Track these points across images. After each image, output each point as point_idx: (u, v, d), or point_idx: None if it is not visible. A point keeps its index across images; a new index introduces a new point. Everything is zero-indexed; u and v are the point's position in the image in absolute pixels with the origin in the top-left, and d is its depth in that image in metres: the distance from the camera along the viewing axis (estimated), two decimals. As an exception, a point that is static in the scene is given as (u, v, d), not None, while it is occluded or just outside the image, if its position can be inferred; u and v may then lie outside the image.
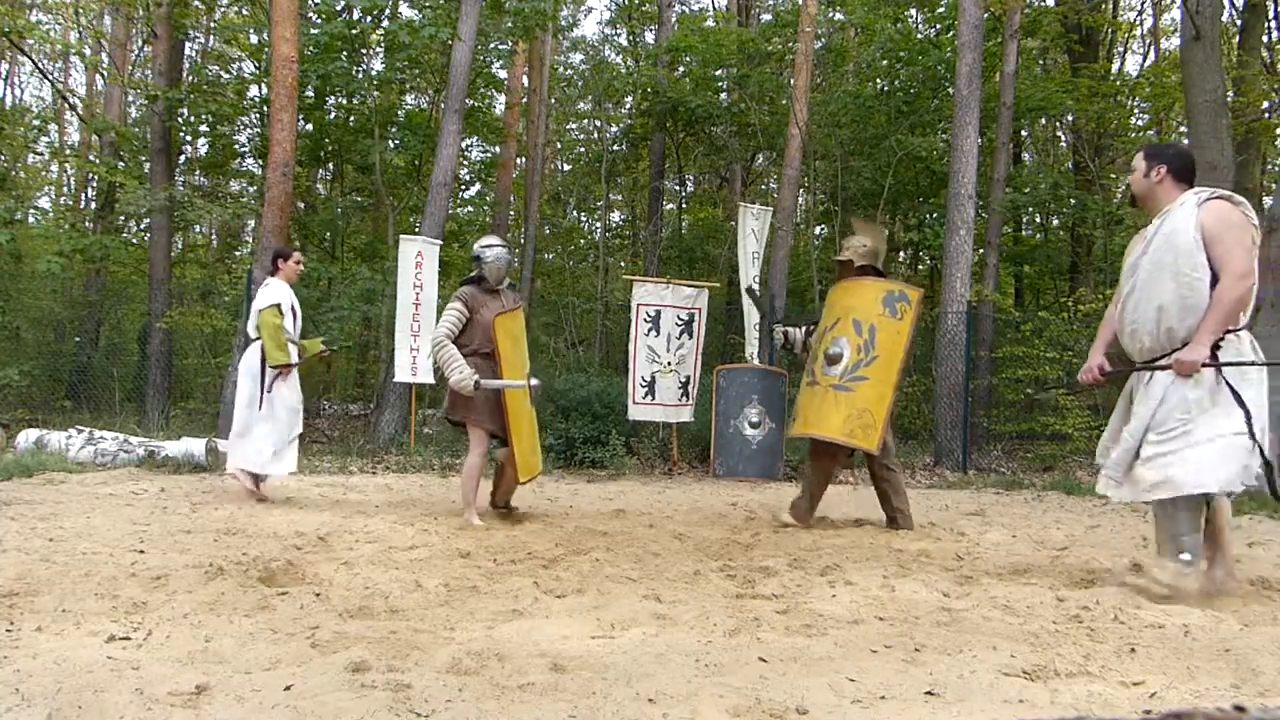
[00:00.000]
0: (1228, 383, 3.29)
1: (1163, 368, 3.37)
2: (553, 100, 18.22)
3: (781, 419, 8.83)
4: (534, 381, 5.35)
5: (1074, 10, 14.12)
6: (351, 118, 13.86)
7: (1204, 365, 3.29)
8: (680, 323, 9.44)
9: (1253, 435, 3.23)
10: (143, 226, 13.64)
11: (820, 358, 5.18)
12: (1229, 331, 3.31)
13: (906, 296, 5.17)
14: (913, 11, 15.91)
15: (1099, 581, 3.69)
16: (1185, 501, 3.28)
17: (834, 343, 5.15)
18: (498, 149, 16.90)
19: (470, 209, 18.32)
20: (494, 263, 5.27)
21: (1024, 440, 11.71)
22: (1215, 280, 3.27)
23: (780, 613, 3.09)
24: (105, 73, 15.24)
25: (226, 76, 15.52)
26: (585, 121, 21.73)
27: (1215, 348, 3.30)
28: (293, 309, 6.03)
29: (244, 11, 13.61)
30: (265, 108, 12.58)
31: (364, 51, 13.79)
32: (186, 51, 14.34)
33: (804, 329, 5.74)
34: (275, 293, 5.90)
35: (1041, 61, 17.59)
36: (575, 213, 20.74)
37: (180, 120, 12.78)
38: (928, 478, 9.29)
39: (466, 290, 5.26)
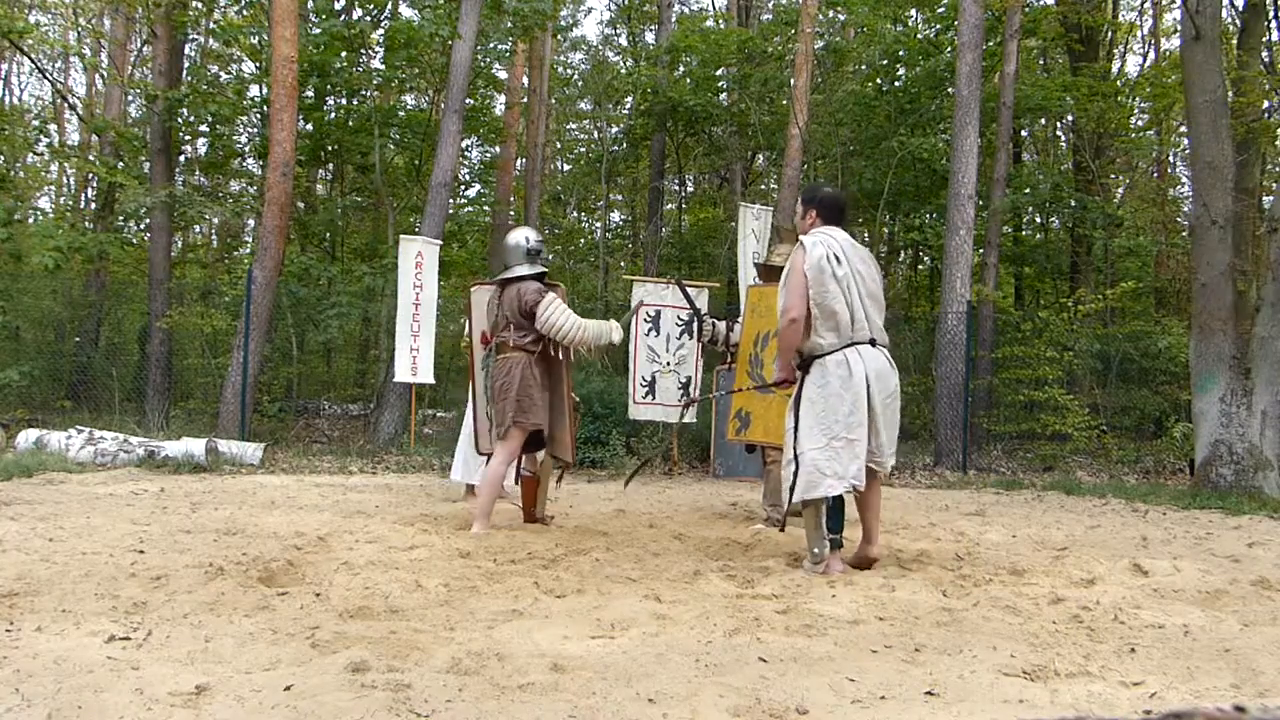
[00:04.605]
0: None
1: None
2: (553, 100, 18.22)
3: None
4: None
5: (1074, 10, 14.10)
6: (351, 118, 13.85)
7: None
8: (680, 323, 9.43)
9: None
10: (142, 226, 13.62)
11: (769, 364, 5.35)
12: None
13: None
14: (913, 12, 15.90)
15: (1099, 581, 3.69)
16: None
17: None
18: (498, 149, 16.90)
19: (470, 209, 18.32)
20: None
21: (1024, 440, 11.70)
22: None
23: (780, 613, 3.09)
24: (105, 73, 15.23)
25: (226, 76, 15.51)
26: (585, 121, 21.73)
27: (805, 370, 3.90)
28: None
29: (244, 12, 13.58)
30: (265, 108, 12.57)
31: (363, 51, 13.79)
32: (186, 51, 14.34)
33: (726, 323, 5.99)
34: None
35: (1042, 61, 17.58)
36: (575, 213, 20.74)
37: (180, 120, 12.77)
38: (928, 478, 9.29)
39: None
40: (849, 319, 3.81)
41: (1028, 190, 14.51)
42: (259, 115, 13.90)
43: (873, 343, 3.87)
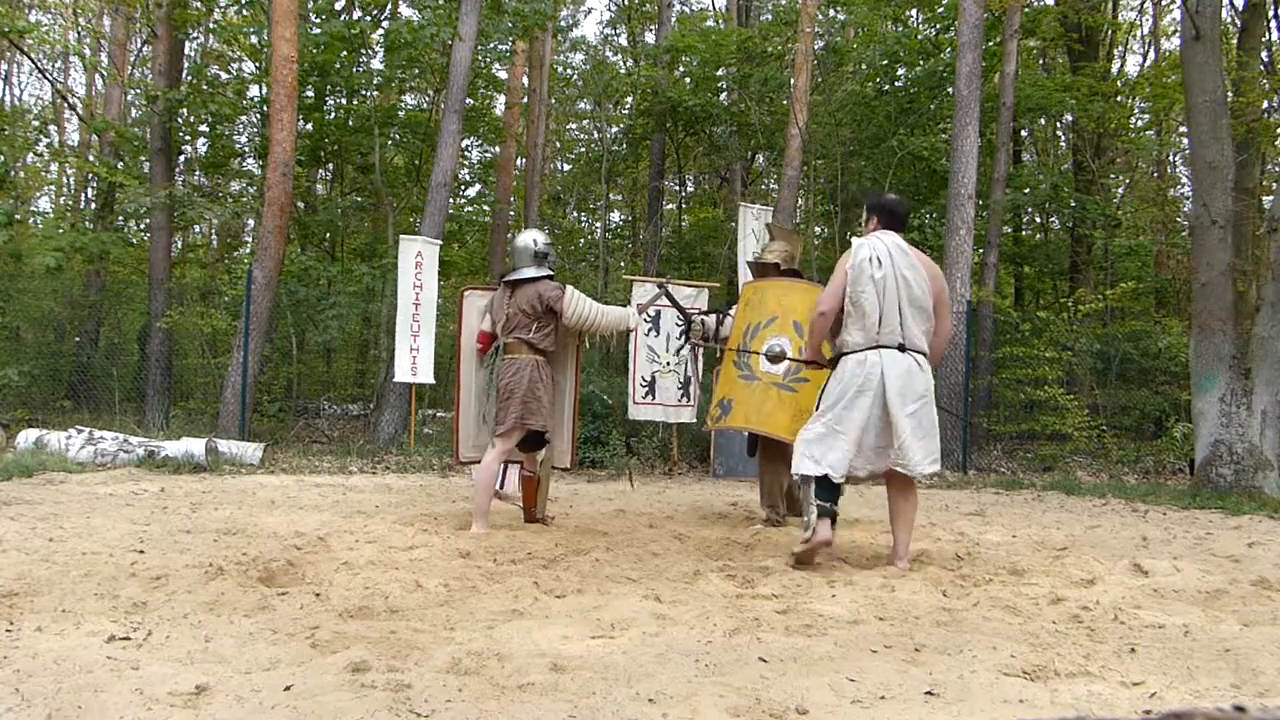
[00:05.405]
0: None
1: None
2: (553, 100, 18.23)
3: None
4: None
5: (1074, 10, 14.10)
6: (351, 118, 13.86)
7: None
8: (680, 323, 9.42)
9: None
10: (142, 226, 13.62)
11: (759, 353, 5.35)
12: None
13: None
14: (913, 11, 15.90)
15: (1099, 581, 3.69)
16: None
17: (776, 340, 5.36)
18: (498, 149, 16.90)
19: (470, 209, 18.32)
20: None
21: (1024, 440, 11.71)
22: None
23: (780, 613, 3.09)
24: (105, 73, 15.23)
25: (226, 76, 15.51)
26: (585, 121, 21.74)
27: (833, 366, 4.11)
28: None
29: (244, 12, 13.58)
30: (265, 108, 12.57)
31: (363, 51, 13.78)
32: (186, 51, 14.34)
33: (716, 317, 5.99)
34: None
35: (1042, 61, 17.58)
36: (575, 213, 20.74)
37: (180, 120, 12.77)
38: (928, 478, 9.28)
39: None
40: (877, 320, 3.92)
41: (1027, 190, 14.51)
42: (259, 115, 13.90)
43: (901, 348, 3.93)
